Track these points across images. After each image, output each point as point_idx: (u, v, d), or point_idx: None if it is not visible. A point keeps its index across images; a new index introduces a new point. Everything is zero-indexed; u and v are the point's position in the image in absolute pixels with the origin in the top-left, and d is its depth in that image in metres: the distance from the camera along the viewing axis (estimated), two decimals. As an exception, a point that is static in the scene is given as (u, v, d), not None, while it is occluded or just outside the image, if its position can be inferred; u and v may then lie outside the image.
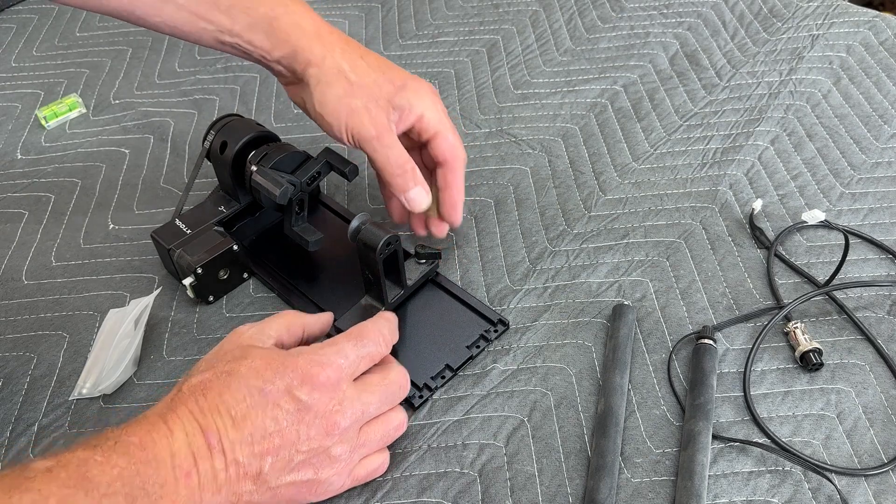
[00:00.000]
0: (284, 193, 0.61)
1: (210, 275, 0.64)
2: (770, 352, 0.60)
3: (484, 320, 0.63)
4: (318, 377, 0.47)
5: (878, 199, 0.72)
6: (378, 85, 0.60)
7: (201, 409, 0.45)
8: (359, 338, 0.51)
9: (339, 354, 0.49)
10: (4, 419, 0.59)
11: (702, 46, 0.91)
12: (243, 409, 0.45)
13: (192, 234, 0.65)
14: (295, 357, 0.48)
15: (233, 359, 0.47)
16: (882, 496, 0.52)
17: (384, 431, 0.52)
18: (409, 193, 0.62)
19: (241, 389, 0.45)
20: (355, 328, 0.52)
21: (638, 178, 0.75)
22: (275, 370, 0.47)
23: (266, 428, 0.45)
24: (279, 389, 0.46)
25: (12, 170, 0.81)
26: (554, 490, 0.53)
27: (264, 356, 0.47)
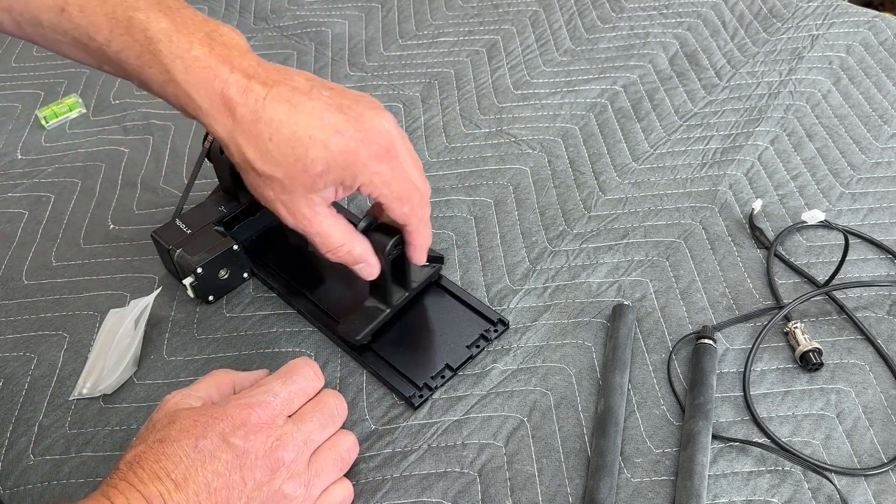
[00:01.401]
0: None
1: (210, 274, 0.64)
2: (770, 352, 0.60)
3: (484, 320, 0.63)
4: (249, 419, 0.46)
5: (877, 199, 0.72)
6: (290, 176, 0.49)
7: (140, 479, 0.43)
8: (287, 375, 0.50)
9: (267, 393, 0.48)
10: (4, 419, 0.59)
11: (702, 46, 0.91)
12: (182, 471, 0.44)
13: (193, 233, 0.64)
14: (223, 406, 0.47)
15: (162, 427, 0.46)
16: (882, 496, 0.52)
17: (335, 455, 0.50)
18: (354, 268, 0.56)
19: (176, 452, 0.44)
20: (284, 367, 0.52)
21: (638, 178, 0.75)
22: (204, 424, 0.46)
23: (209, 483, 0.44)
24: (214, 442, 0.45)
25: (12, 170, 0.81)
26: (554, 490, 0.53)
27: (191, 414, 0.46)
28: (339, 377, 0.61)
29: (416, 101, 0.86)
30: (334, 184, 0.51)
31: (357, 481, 0.54)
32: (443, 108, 0.85)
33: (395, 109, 0.85)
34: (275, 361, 0.62)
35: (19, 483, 0.55)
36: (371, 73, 0.90)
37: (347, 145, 0.49)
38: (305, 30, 0.98)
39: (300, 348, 0.63)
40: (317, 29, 0.98)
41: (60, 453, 0.57)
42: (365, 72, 0.91)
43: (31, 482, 0.55)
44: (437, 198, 0.75)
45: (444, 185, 0.76)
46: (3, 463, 0.57)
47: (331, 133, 0.48)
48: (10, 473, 0.56)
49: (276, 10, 1.01)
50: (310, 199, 0.51)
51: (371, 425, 0.57)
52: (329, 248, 0.54)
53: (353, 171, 0.49)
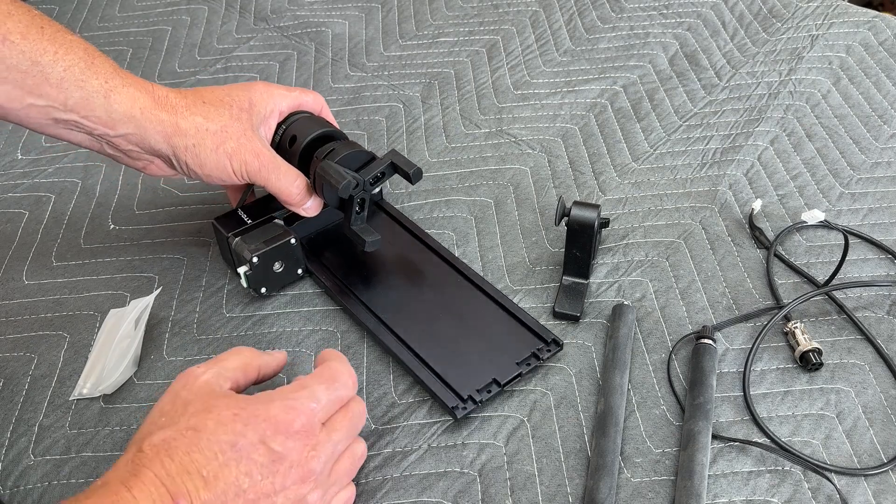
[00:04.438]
0: (346, 187, 0.60)
1: (265, 266, 0.63)
2: (770, 352, 0.60)
3: (537, 338, 0.60)
4: (292, 425, 0.45)
5: (877, 199, 0.72)
6: (234, 119, 0.60)
7: (168, 472, 0.42)
8: (331, 381, 0.49)
9: (311, 398, 0.47)
10: (5, 419, 0.59)
11: (701, 46, 0.91)
12: (215, 468, 0.42)
13: (252, 224, 0.64)
14: (266, 405, 0.46)
15: (196, 412, 0.45)
16: (882, 496, 0.52)
17: (351, 464, 0.50)
18: (307, 204, 0.64)
19: (211, 447, 0.43)
20: (326, 370, 0.50)
21: (637, 179, 0.75)
22: (245, 421, 0.44)
23: (240, 484, 0.43)
24: (252, 442, 0.44)
25: (12, 170, 0.81)
26: (554, 490, 0.53)
27: (231, 406, 0.45)
28: (340, 377, 0.61)
29: (416, 101, 0.86)
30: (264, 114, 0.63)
31: (357, 481, 0.54)
32: (443, 108, 0.85)
33: (395, 109, 0.85)
34: (275, 361, 0.62)
35: (19, 483, 0.55)
36: (371, 73, 0.90)
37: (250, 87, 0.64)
38: (305, 30, 0.98)
39: (300, 348, 0.63)
40: (317, 29, 0.98)
41: (60, 453, 0.57)
42: (365, 72, 0.91)
43: (31, 482, 0.55)
44: (437, 198, 0.75)
45: (444, 185, 0.76)
46: (3, 463, 0.57)
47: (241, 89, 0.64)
48: (10, 473, 0.56)
49: (276, 10, 1.01)
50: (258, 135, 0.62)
51: (371, 425, 0.57)
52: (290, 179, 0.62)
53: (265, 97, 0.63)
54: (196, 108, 0.59)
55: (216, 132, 0.59)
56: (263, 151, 0.61)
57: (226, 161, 0.60)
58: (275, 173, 0.61)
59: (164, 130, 0.58)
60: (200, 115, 0.59)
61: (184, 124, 0.59)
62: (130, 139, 0.59)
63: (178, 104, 0.59)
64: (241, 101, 0.62)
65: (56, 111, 0.56)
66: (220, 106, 0.60)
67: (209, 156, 0.59)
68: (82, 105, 0.56)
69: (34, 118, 0.56)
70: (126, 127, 0.58)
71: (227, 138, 0.60)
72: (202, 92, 0.61)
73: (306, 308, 0.66)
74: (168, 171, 0.62)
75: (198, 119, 0.59)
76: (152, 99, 0.58)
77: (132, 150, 0.60)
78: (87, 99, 0.56)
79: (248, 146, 0.60)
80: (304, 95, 0.67)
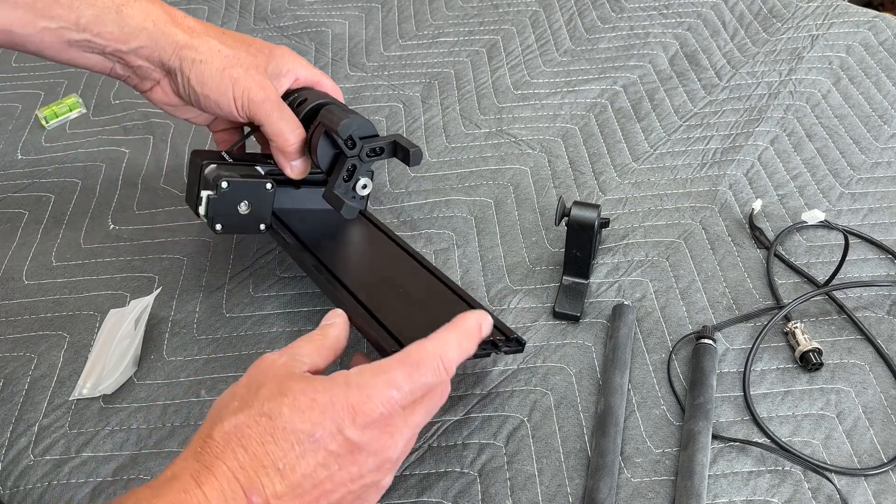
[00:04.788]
0: (347, 126, 0.58)
1: (232, 198, 0.59)
2: (770, 352, 0.60)
3: (500, 332, 0.56)
4: (370, 414, 0.42)
5: (877, 199, 0.72)
6: (249, 54, 0.60)
7: (242, 465, 0.39)
8: (415, 366, 0.44)
9: (390, 385, 0.43)
10: (5, 419, 0.59)
11: (702, 46, 0.91)
12: (291, 460, 0.40)
13: (233, 163, 0.62)
14: (343, 391, 0.42)
15: (270, 396, 0.42)
16: (882, 496, 0.52)
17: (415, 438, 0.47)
18: (294, 161, 0.62)
19: (287, 437, 0.40)
20: (412, 352, 0.45)
21: (638, 178, 0.75)
22: (322, 409, 0.41)
23: (317, 476, 0.41)
24: (330, 432, 0.41)
25: (12, 170, 0.81)
26: (554, 490, 0.53)
27: (307, 390, 0.42)
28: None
29: (416, 101, 0.86)
30: (280, 69, 0.62)
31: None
32: (443, 108, 0.85)
33: (395, 109, 0.85)
34: (275, 361, 0.62)
35: (19, 483, 0.55)
36: (371, 73, 0.90)
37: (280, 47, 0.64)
38: (305, 30, 0.98)
39: (300, 348, 0.63)
40: (317, 29, 0.98)
41: (60, 453, 0.57)
42: (365, 72, 0.91)
43: (30, 482, 0.55)
44: (437, 198, 0.75)
45: (444, 185, 0.76)
46: (3, 463, 0.57)
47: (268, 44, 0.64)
48: (10, 473, 0.56)
49: (276, 10, 1.01)
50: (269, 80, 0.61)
51: (371, 425, 0.57)
52: (291, 127, 0.61)
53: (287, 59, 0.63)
54: (213, 33, 0.60)
55: (227, 56, 0.59)
56: (270, 87, 0.60)
57: (229, 85, 0.59)
58: (277, 111, 0.60)
59: (176, 43, 0.59)
60: (216, 39, 0.60)
61: (197, 42, 0.59)
62: (141, 53, 0.59)
63: (196, 27, 0.60)
64: (263, 47, 0.62)
65: (69, 32, 0.57)
66: (238, 40, 0.61)
67: (214, 75, 0.59)
68: (94, 22, 0.57)
69: (48, 42, 0.57)
70: (138, 40, 0.58)
71: (237, 64, 0.59)
72: (221, 29, 0.62)
73: (306, 308, 0.66)
74: (171, 96, 0.62)
75: (212, 41, 0.59)
76: (167, 14, 0.59)
77: (142, 67, 0.60)
78: (99, 16, 0.57)
79: (256, 78, 0.60)
80: (325, 78, 0.66)
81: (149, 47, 0.59)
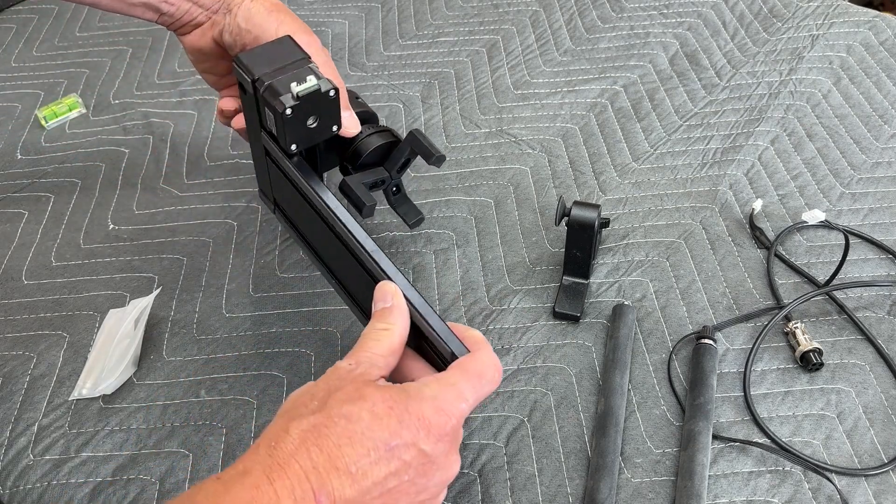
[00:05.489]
0: (369, 211, 0.59)
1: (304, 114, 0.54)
2: (770, 352, 0.60)
3: None
4: (444, 428, 0.42)
5: (878, 199, 0.72)
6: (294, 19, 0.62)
7: (315, 465, 0.39)
8: (479, 378, 0.45)
9: (460, 398, 0.44)
10: (4, 419, 0.59)
11: (702, 46, 0.91)
12: (365, 465, 0.40)
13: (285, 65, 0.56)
14: (418, 402, 0.42)
15: (348, 398, 0.42)
16: (882, 496, 0.52)
17: None
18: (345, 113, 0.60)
19: (364, 443, 0.40)
20: (474, 363, 0.46)
21: (638, 178, 0.75)
22: (399, 419, 0.41)
23: (387, 484, 0.41)
24: (406, 443, 0.41)
25: (12, 170, 0.81)
26: (554, 490, 0.53)
27: (385, 398, 0.42)
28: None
29: (416, 101, 0.86)
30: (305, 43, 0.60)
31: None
32: (443, 108, 0.85)
33: (395, 109, 0.85)
34: (275, 362, 0.62)
35: (18, 483, 0.55)
36: (371, 73, 0.90)
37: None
38: (305, 30, 0.98)
39: (300, 348, 0.63)
40: (317, 29, 0.98)
41: (60, 453, 0.57)
42: (365, 72, 0.91)
43: (30, 482, 0.55)
44: (437, 198, 0.75)
45: (444, 185, 0.76)
46: (3, 463, 0.57)
47: None
48: (9, 473, 0.56)
49: (276, 10, 1.01)
50: None
51: (371, 425, 0.57)
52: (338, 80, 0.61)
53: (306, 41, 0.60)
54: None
55: (275, 4, 0.62)
56: (313, 35, 0.62)
57: (274, 24, 0.60)
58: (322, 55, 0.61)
59: None
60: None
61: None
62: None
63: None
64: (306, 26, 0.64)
65: None
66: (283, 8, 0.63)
67: (261, 13, 0.61)
68: None
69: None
70: None
71: (283, 10, 0.62)
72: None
73: (306, 308, 0.66)
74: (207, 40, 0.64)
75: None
76: None
77: (190, 9, 0.62)
78: None
79: (301, 27, 0.61)
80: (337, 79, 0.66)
81: None
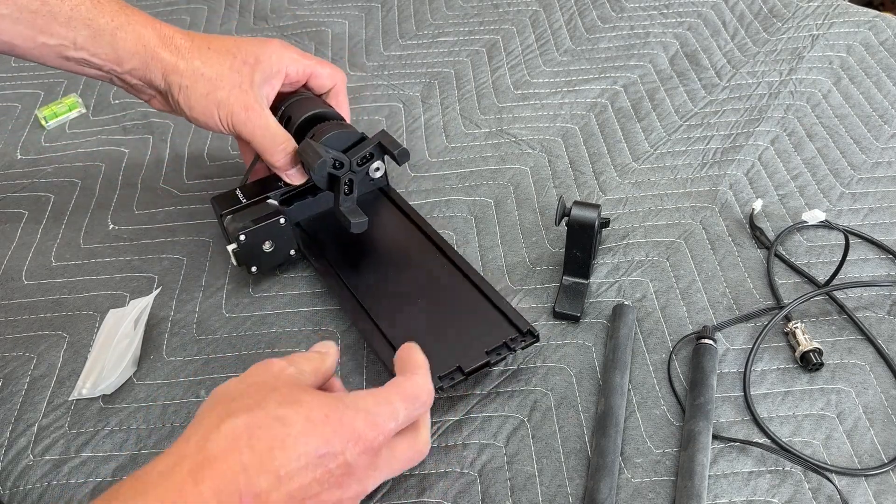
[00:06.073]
0: (321, 166, 0.61)
1: (254, 244, 0.63)
2: (770, 352, 0.60)
3: (511, 327, 0.58)
4: (372, 442, 0.43)
5: (878, 199, 0.72)
6: (234, 70, 0.62)
7: (245, 466, 0.39)
8: (413, 399, 0.46)
9: (392, 417, 0.44)
10: (4, 419, 0.59)
11: (702, 46, 0.90)
12: (293, 469, 0.40)
13: (247, 203, 0.65)
14: (353, 414, 0.43)
15: (284, 401, 0.42)
16: (882, 496, 0.52)
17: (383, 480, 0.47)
18: (291, 171, 0.64)
19: (296, 448, 0.40)
20: (410, 385, 0.46)
21: (638, 178, 0.75)
22: (334, 428, 0.42)
23: (309, 490, 0.41)
24: (334, 452, 0.42)
25: (12, 170, 0.81)
26: (554, 490, 0.53)
27: (321, 405, 0.43)
28: (340, 376, 0.61)
29: (416, 101, 0.86)
30: (268, 73, 0.63)
31: (357, 481, 0.54)
32: (443, 108, 0.85)
33: (395, 109, 0.85)
34: (275, 361, 0.62)
35: (19, 483, 0.55)
36: (371, 73, 0.90)
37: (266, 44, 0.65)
38: (305, 30, 0.98)
39: (300, 348, 0.63)
40: (317, 29, 0.98)
41: (60, 453, 0.57)
42: (365, 72, 0.91)
43: (30, 482, 0.55)
44: (437, 198, 0.75)
45: (444, 185, 0.76)
46: (3, 463, 0.57)
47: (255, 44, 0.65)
48: (9, 473, 0.56)
49: (276, 10, 1.01)
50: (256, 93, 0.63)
51: (371, 425, 0.57)
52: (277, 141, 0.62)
53: (275, 57, 0.64)
54: (198, 52, 0.62)
55: (211, 79, 0.61)
56: (254, 106, 0.62)
57: (214, 109, 0.61)
58: (261, 130, 0.62)
59: (164, 68, 0.61)
60: (200, 59, 0.61)
61: (182, 65, 0.61)
62: (135, 74, 0.61)
63: (183, 46, 0.61)
64: (248, 54, 0.63)
65: (66, 49, 0.59)
66: (223, 55, 0.62)
67: (199, 100, 0.61)
68: (90, 43, 0.59)
69: (47, 56, 0.60)
70: (131, 63, 0.60)
71: (219, 87, 0.61)
72: (211, 39, 0.63)
73: (306, 308, 0.66)
74: (168, 107, 0.64)
75: (196, 63, 0.61)
76: (157, 37, 0.61)
77: (138, 84, 0.63)
78: (95, 37, 0.59)
79: (239, 98, 0.62)
80: (319, 67, 0.67)
81: (141, 69, 0.61)
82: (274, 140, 0.63)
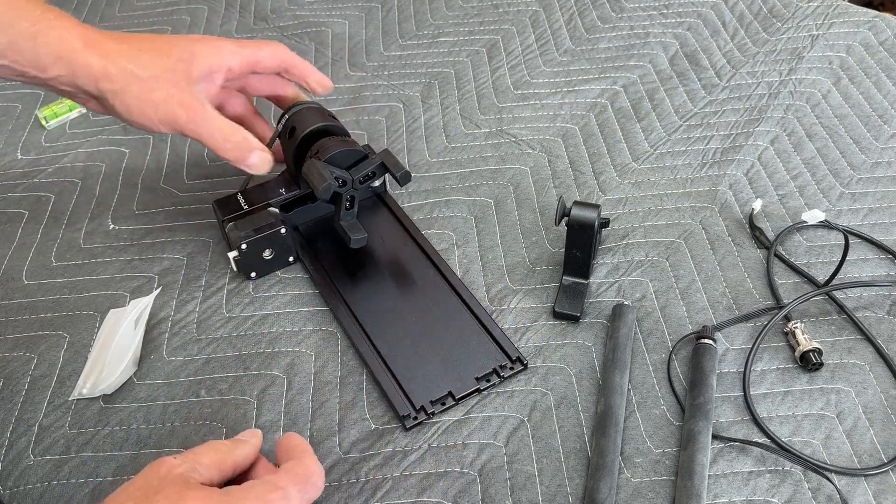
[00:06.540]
0: (326, 189, 0.61)
1: (254, 252, 0.65)
2: (770, 352, 0.60)
3: (502, 353, 0.60)
4: None
5: (877, 199, 0.72)
6: (169, 70, 0.59)
7: None
8: (304, 481, 0.46)
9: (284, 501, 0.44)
10: (4, 419, 0.59)
11: (702, 46, 0.91)
12: None
13: (248, 210, 0.65)
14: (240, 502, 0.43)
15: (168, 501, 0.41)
16: (882, 496, 0.52)
17: None
18: (248, 161, 0.62)
19: None
20: (300, 468, 0.46)
21: (638, 178, 0.75)
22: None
23: None
24: None
25: (12, 170, 0.81)
26: (554, 490, 0.53)
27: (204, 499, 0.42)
28: (339, 377, 0.61)
29: (416, 101, 0.86)
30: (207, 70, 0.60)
31: (357, 480, 0.54)
32: (443, 108, 0.85)
33: (395, 109, 0.85)
34: (275, 361, 0.62)
35: (19, 483, 0.55)
36: (371, 73, 0.90)
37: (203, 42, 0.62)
38: (305, 30, 0.98)
39: (300, 348, 0.63)
40: (317, 29, 0.98)
41: (60, 453, 0.57)
42: (365, 72, 0.91)
43: (31, 482, 0.55)
44: (437, 198, 0.75)
45: (444, 185, 0.76)
46: (3, 463, 0.57)
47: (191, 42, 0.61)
48: (10, 473, 0.56)
49: (276, 10, 1.01)
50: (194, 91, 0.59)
51: (371, 424, 0.57)
52: (226, 135, 0.60)
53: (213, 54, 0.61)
54: (129, 54, 0.58)
55: (145, 80, 0.58)
56: (193, 105, 0.59)
57: (151, 111, 0.58)
58: (205, 127, 0.59)
59: (93, 74, 0.57)
60: (132, 62, 0.58)
61: (112, 70, 0.57)
62: (62, 80, 0.58)
63: (111, 49, 0.57)
64: (182, 52, 0.60)
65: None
66: (156, 55, 0.59)
67: (134, 103, 0.58)
68: (10, 49, 0.55)
69: None
70: (56, 69, 0.56)
71: (155, 88, 0.58)
72: (142, 39, 0.60)
73: (306, 308, 0.66)
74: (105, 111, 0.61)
75: (128, 66, 0.57)
76: (83, 41, 0.57)
77: (68, 91, 0.59)
78: (14, 43, 0.55)
79: (176, 97, 0.58)
80: (258, 51, 0.64)
81: (67, 76, 0.57)
82: (222, 135, 0.60)
